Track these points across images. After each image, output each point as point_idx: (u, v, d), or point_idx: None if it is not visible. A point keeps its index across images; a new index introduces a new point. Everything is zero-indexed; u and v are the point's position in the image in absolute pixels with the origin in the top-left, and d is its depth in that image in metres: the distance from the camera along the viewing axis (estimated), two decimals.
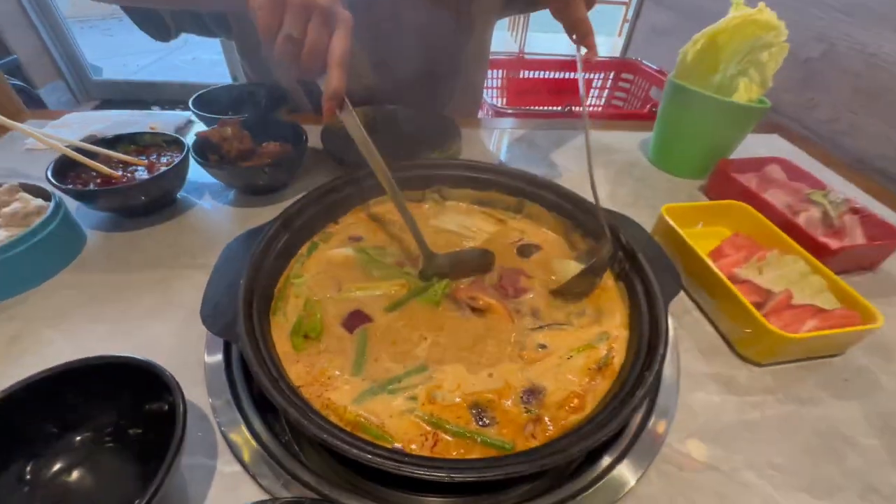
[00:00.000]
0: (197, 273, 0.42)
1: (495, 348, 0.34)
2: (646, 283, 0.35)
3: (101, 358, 0.26)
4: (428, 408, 0.30)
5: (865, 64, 0.70)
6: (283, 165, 0.50)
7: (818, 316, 0.37)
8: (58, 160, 0.45)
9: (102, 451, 0.27)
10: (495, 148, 0.68)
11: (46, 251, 0.40)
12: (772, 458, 0.31)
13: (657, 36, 1.32)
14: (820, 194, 0.51)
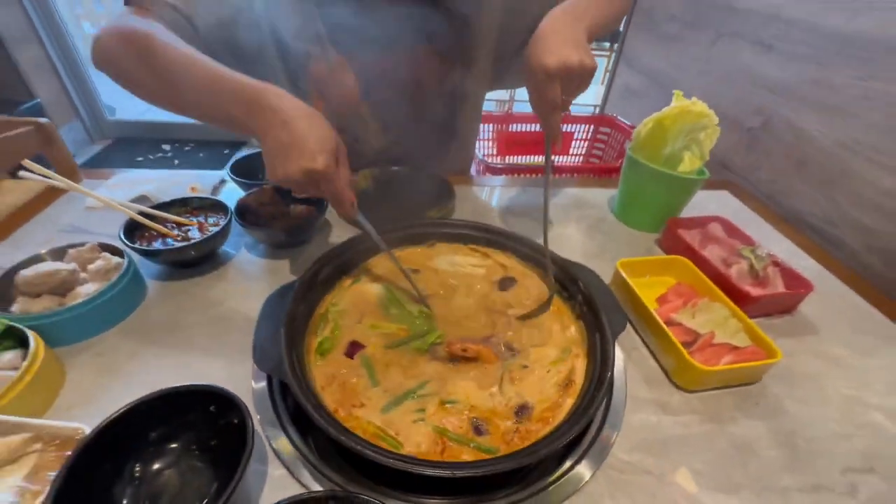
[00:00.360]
0: (239, 316, 0.52)
1: (487, 376, 0.44)
2: (598, 321, 0.46)
3: (188, 386, 0.36)
4: (436, 418, 0.39)
5: (794, 137, 0.83)
6: (307, 225, 0.61)
7: (733, 352, 0.47)
8: (127, 223, 0.56)
9: (189, 456, 0.36)
10: (485, 205, 0.80)
11: (122, 299, 0.49)
12: (694, 464, 0.40)
13: (630, 95, 1.48)
14: (748, 250, 0.62)
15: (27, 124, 0.77)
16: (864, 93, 0.70)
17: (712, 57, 1.05)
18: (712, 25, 1.05)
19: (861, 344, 0.55)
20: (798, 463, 0.41)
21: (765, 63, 0.89)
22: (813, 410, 0.46)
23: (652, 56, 1.34)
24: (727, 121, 0.98)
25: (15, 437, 0.34)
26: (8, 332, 0.42)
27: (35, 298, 0.46)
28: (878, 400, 0.48)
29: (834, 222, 0.75)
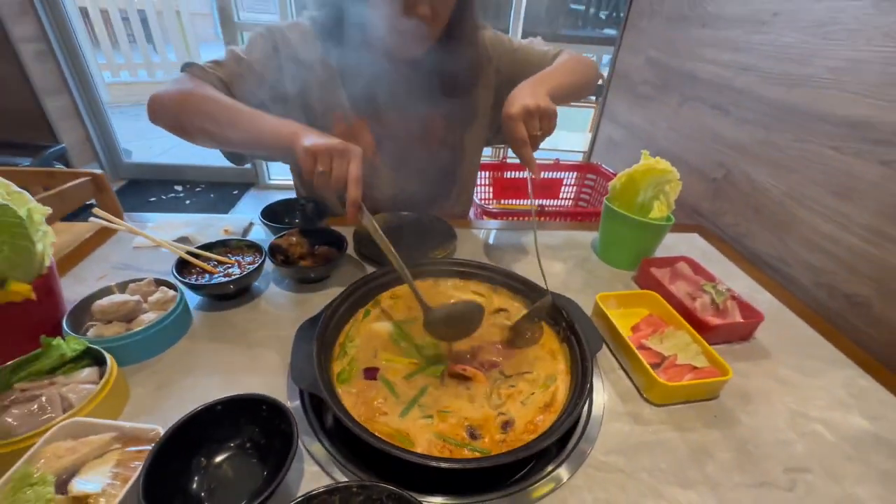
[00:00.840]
0: (273, 341, 0.60)
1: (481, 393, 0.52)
2: (579, 343, 0.55)
3: (244, 395, 0.44)
4: (439, 427, 0.47)
5: (751, 187, 0.96)
6: (329, 264, 0.71)
7: (693, 372, 0.56)
8: (178, 261, 0.65)
9: (242, 453, 0.43)
10: (483, 245, 0.90)
11: (175, 326, 0.58)
12: (659, 464, 0.48)
13: (613, 146, 1.63)
14: (710, 285, 0.72)
15: (85, 175, 0.88)
16: (801, 153, 0.83)
17: (680, 116, 1.20)
18: (678, 90, 1.21)
19: (807, 367, 0.63)
20: (748, 464, 0.49)
21: (723, 124, 1.03)
22: (762, 421, 0.54)
23: (629, 112, 1.50)
24: (695, 172, 1.11)
25: (103, 435, 0.42)
26: (86, 352, 0.50)
27: (107, 324, 0.55)
28: (818, 413, 0.56)
29: (787, 261, 0.86)
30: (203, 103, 0.66)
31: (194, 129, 0.67)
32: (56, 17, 2.38)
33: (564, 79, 0.75)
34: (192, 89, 0.68)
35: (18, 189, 0.50)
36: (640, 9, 1.43)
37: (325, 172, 0.56)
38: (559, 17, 2.99)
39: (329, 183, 0.57)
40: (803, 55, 0.83)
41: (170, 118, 0.68)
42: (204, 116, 0.66)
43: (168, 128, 0.69)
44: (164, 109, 0.68)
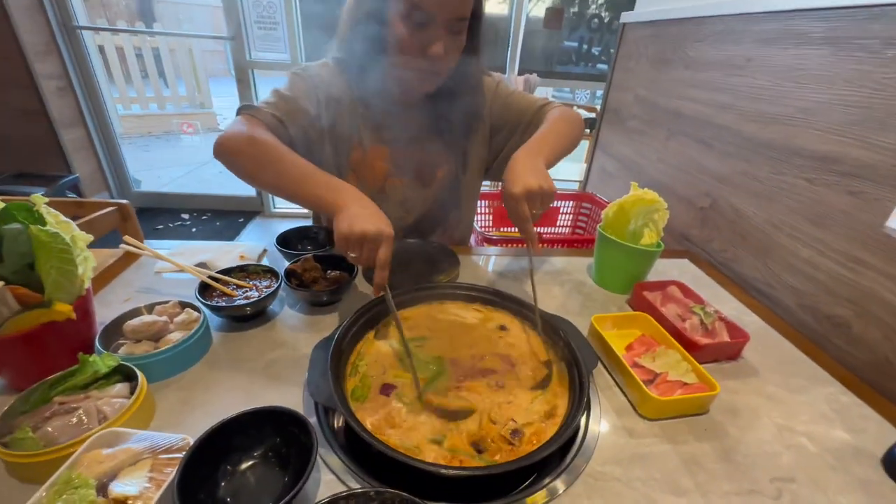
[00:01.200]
0: (288, 360, 0.64)
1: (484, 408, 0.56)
2: (576, 360, 0.59)
3: (269, 407, 0.48)
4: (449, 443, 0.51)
5: (735, 215, 1.02)
6: (341, 288, 0.75)
7: (683, 387, 0.60)
8: (200, 284, 0.70)
9: (265, 461, 0.47)
10: (483, 270, 0.95)
11: (198, 345, 0.62)
12: (653, 474, 0.51)
13: (606, 176, 1.71)
14: (699, 308, 0.77)
15: (111, 205, 0.94)
16: (779, 184, 0.89)
17: (668, 149, 1.28)
18: (665, 125, 1.29)
19: (792, 384, 0.67)
20: (736, 474, 0.52)
21: (707, 157, 1.11)
22: (750, 435, 0.58)
23: (620, 145, 1.59)
24: (684, 201, 1.18)
25: (137, 444, 0.45)
26: (117, 368, 0.54)
27: (136, 343, 0.59)
28: (803, 427, 0.59)
29: (772, 285, 0.91)
30: (259, 151, 0.70)
31: (248, 173, 0.72)
32: (77, 56, 2.52)
33: (557, 145, 0.81)
34: (250, 134, 0.71)
35: (66, 218, 0.56)
36: (627, 51, 1.54)
37: (354, 257, 0.62)
38: (554, 54, 3.15)
39: (359, 264, 0.63)
40: (775, 96, 0.91)
41: (228, 160, 0.72)
42: (258, 164, 0.70)
43: (228, 168, 0.73)
44: (228, 155, 0.72)
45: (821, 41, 0.80)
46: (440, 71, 0.79)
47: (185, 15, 5.98)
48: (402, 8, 0.71)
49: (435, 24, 0.71)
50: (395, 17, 0.73)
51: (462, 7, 0.73)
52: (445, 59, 0.76)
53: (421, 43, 0.73)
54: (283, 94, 0.81)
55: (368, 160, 0.91)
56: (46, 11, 2.29)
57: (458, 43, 0.77)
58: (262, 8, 2.51)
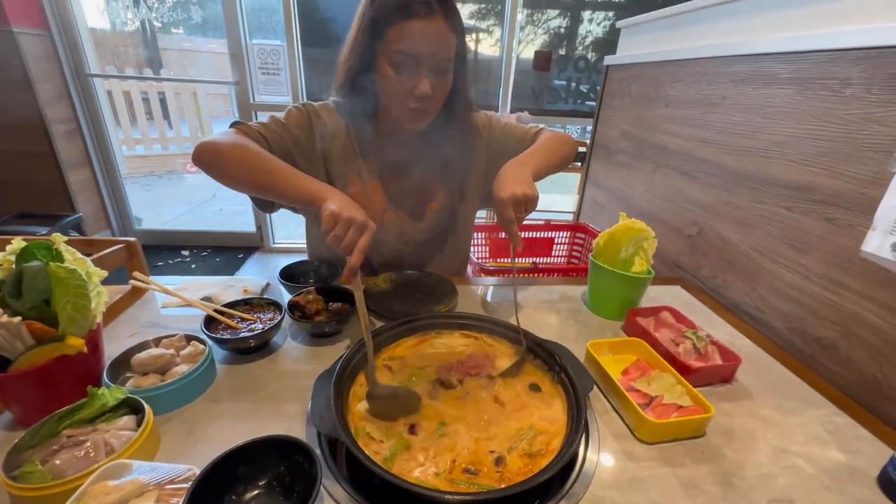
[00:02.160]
0: (291, 391, 0.65)
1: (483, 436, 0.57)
2: (573, 384, 0.60)
3: (274, 436, 0.49)
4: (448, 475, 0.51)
5: (722, 242, 1.06)
6: (343, 319, 0.77)
7: (678, 410, 0.61)
8: (206, 318, 0.72)
9: (270, 491, 0.47)
10: (480, 299, 0.97)
11: (203, 378, 0.63)
12: (652, 497, 0.52)
13: (598, 206, 1.76)
14: (691, 332, 0.79)
15: (119, 243, 0.97)
16: (760, 213, 0.94)
17: (654, 181, 1.34)
18: (651, 158, 1.35)
19: (786, 406, 0.69)
20: (734, 496, 0.53)
21: (692, 188, 1.16)
22: (746, 457, 0.59)
23: (610, 178, 1.65)
24: (673, 230, 1.22)
25: (143, 475, 0.46)
26: (124, 401, 0.55)
27: (143, 376, 0.60)
28: (798, 448, 0.60)
29: (761, 309, 0.93)
30: (248, 153, 0.77)
31: (234, 173, 0.77)
32: (87, 101, 2.63)
33: (545, 160, 0.89)
34: (241, 141, 0.79)
35: (81, 255, 0.59)
36: (612, 90, 1.63)
37: (338, 236, 0.66)
38: (543, 93, 3.30)
39: (338, 246, 0.66)
40: (750, 131, 0.97)
41: (212, 161, 0.77)
42: (246, 165, 0.77)
43: (209, 169, 0.78)
44: (208, 153, 0.77)
45: (787, 81, 0.87)
46: (429, 109, 0.85)
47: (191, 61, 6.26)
48: (390, 55, 0.78)
49: (420, 67, 0.78)
50: (384, 64, 0.80)
51: (443, 49, 0.78)
52: (433, 98, 0.82)
53: (409, 84, 0.79)
54: (276, 120, 0.88)
55: (367, 194, 0.95)
56: (61, 60, 2.42)
57: (444, 82, 0.83)
58: (266, 55, 2.65)
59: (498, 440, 0.56)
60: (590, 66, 3.30)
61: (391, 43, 0.77)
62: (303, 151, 0.90)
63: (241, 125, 0.85)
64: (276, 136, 0.86)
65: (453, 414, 0.60)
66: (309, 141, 0.90)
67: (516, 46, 2.87)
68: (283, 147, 0.86)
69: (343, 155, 0.93)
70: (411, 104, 0.82)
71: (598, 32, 3.78)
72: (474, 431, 0.57)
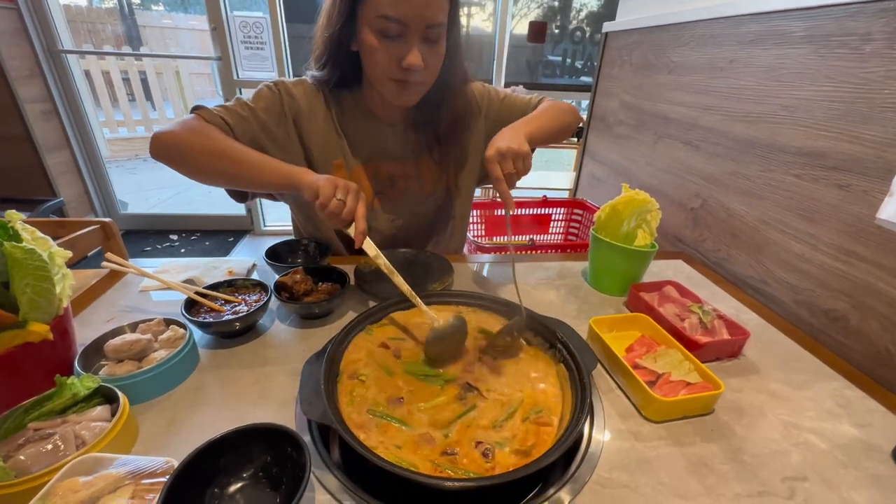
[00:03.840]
0: (279, 376, 0.62)
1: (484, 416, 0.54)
2: (574, 360, 0.57)
3: (258, 424, 0.45)
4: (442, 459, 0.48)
5: (727, 214, 1.02)
6: (333, 299, 0.73)
7: (687, 387, 0.58)
8: (186, 301, 0.67)
9: (255, 483, 0.44)
10: (476, 277, 0.94)
11: (184, 363, 0.59)
12: (661, 478, 0.49)
13: (596, 182, 1.72)
14: (697, 307, 0.76)
15: (94, 224, 0.91)
16: (767, 182, 0.90)
17: (656, 153, 1.29)
18: (652, 129, 1.30)
19: (795, 380, 0.66)
20: (746, 474, 0.50)
21: (695, 158, 1.12)
22: (757, 433, 0.56)
23: (608, 151, 1.60)
24: (674, 203, 1.18)
25: (117, 469, 0.43)
26: (97, 390, 0.51)
27: (118, 363, 0.56)
28: (809, 424, 0.58)
29: (767, 282, 0.91)
30: (210, 141, 0.72)
31: (197, 165, 0.72)
32: (62, 80, 2.50)
33: (542, 124, 0.82)
34: (200, 128, 0.73)
35: (42, 235, 0.54)
36: (611, 59, 1.56)
37: (341, 201, 0.63)
38: (538, 67, 3.21)
39: (341, 213, 0.63)
40: (758, 96, 0.92)
41: (173, 154, 0.72)
42: (209, 154, 0.71)
43: (171, 163, 0.73)
44: (166, 146, 0.72)
45: (801, 40, 0.82)
46: (421, 81, 0.77)
47: (172, 39, 6.03)
48: (373, 21, 0.69)
49: (409, 34, 0.70)
50: (367, 32, 0.71)
51: (434, 12, 0.69)
52: (424, 70, 0.73)
53: (396, 55, 0.71)
54: (243, 103, 0.81)
55: (355, 179, 0.89)
56: (30, 36, 2.29)
57: (436, 50, 0.75)
58: (249, 28, 2.52)
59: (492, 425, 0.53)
60: (586, 39, 3.19)
61: (374, 7, 0.68)
62: (273, 138, 0.82)
63: (203, 110, 0.77)
64: (241, 121, 0.78)
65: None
66: (280, 126, 0.82)
67: (510, 21, 2.76)
68: (248, 133, 0.79)
69: (324, 137, 0.85)
70: (399, 77, 0.73)
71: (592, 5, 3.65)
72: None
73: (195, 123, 0.74)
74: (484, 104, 0.95)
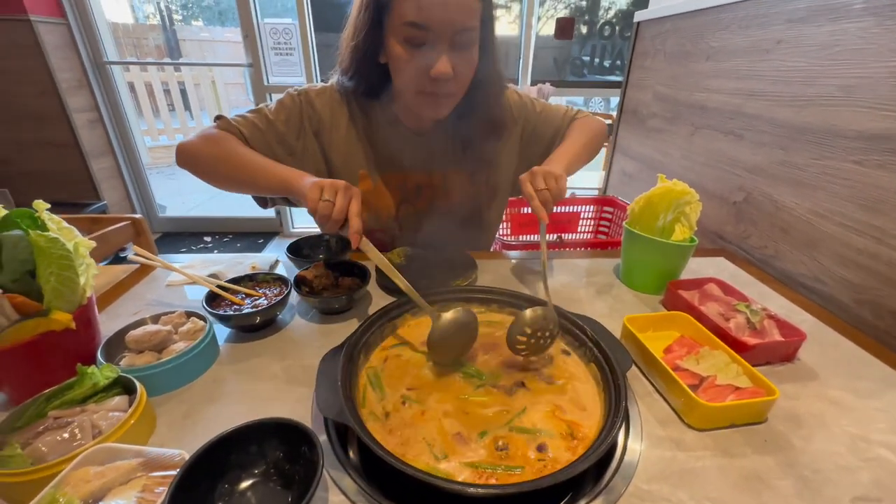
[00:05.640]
0: (298, 371, 0.60)
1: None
2: (607, 359, 0.53)
3: (269, 419, 0.44)
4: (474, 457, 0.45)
5: (774, 208, 0.94)
6: (353, 295, 0.72)
7: (735, 392, 0.53)
8: (207, 294, 0.67)
9: (267, 480, 0.42)
10: (502, 274, 0.90)
11: (203, 356, 0.59)
12: (708, 493, 0.44)
13: (627, 178, 1.64)
14: (743, 305, 0.69)
15: (125, 220, 0.94)
16: (822, 170, 0.82)
17: (692, 145, 1.21)
18: (689, 120, 1.23)
19: (861, 388, 0.59)
20: (808, 492, 0.44)
21: (738, 149, 1.04)
22: (819, 446, 0.50)
23: (641, 145, 1.53)
24: (714, 197, 1.11)
25: (130, 461, 0.42)
26: (117, 380, 0.51)
27: (138, 354, 0.56)
28: (881, 437, 0.51)
29: (822, 280, 0.82)
30: (219, 149, 0.75)
31: (207, 170, 0.75)
32: (107, 90, 2.64)
33: (575, 156, 0.83)
34: (214, 137, 0.76)
35: (68, 225, 0.54)
36: (643, 50, 1.49)
37: (329, 202, 0.59)
38: (566, 66, 3.14)
39: (331, 213, 0.59)
40: (810, 77, 0.85)
41: (189, 161, 0.76)
42: (217, 160, 0.74)
43: (188, 169, 0.77)
44: (183, 154, 0.76)
45: (862, 13, 0.74)
46: (452, 92, 0.72)
47: (209, 51, 6.31)
48: (399, 29, 0.66)
49: (437, 41, 0.65)
50: (393, 42, 0.68)
51: (464, 16, 0.65)
52: (455, 79, 0.69)
53: (424, 65, 0.67)
54: (262, 114, 0.81)
55: (380, 190, 0.87)
56: (79, 49, 2.42)
57: (468, 58, 0.70)
58: (278, 35, 2.59)
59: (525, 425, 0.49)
60: (615, 35, 3.10)
61: (399, 14, 0.65)
62: (291, 150, 0.82)
63: (222, 120, 0.79)
64: (256, 131, 0.79)
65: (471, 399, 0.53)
66: (299, 139, 0.82)
67: (535, 22, 2.71)
68: (263, 143, 0.79)
69: (347, 148, 0.84)
70: (429, 88, 0.69)
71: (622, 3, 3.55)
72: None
73: (211, 133, 0.76)
74: (521, 116, 0.90)
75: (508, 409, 0.51)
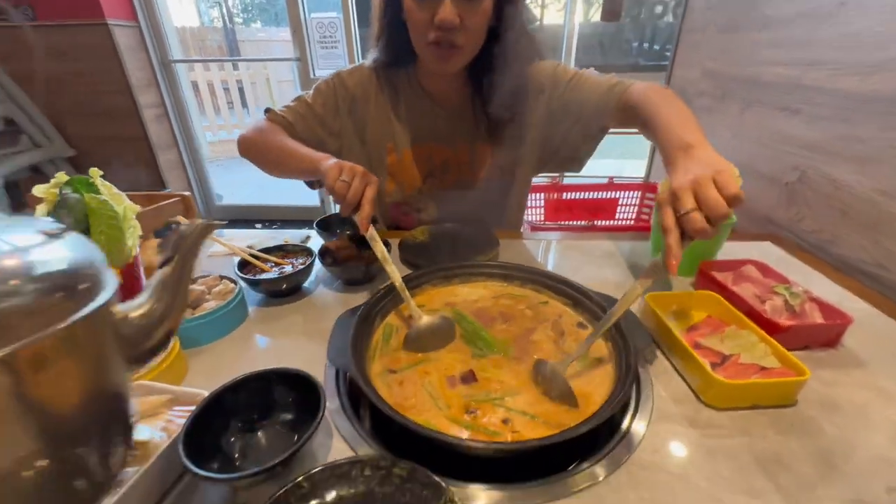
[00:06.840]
0: (318, 333, 0.63)
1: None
2: (623, 338, 0.51)
3: (280, 369, 0.47)
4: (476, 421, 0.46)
5: (832, 187, 0.85)
6: (374, 266, 0.74)
7: (761, 372, 0.49)
8: (240, 261, 0.72)
9: (276, 424, 0.45)
10: (525, 254, 0.89)
11: (233, 315, 0.63)
12: (720, 471, 0.42)
13: None
14: (782, 287, 0.64)
15: (174, 196, 1.03)
16: (889, 143, 0.73)
17: (743, 123, 1.13)
18: (739, 97, 1.14)
19: None
20: (835, 478, 0.41)
21: (794, 125, 0.95)
22: (854, 434, 0.46)
23: None
24: (765, 178, 1.03)
25: (159, 396, 0.46)
26: None
27: None
28: None
29: (886, 266, 0.74)
30: (264, 137, 0.83)
31: (260, 159, 0.84)
32: (172, 88, 2.87)
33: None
34: (265, 128, 0.84)
35: (118, 191, 0.60)
36: (691, 24, 1.40)
37: (345, 182, 0.61)
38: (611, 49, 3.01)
39: (346, 195, 0.61)
40: (879, 41, 0.76)
41: (245, 150, 0.86)
42: (265, 148, 0.82)
43: (247, 157, 0.86)
44: (242, 145, 0.86)
45: None
46: (460, 44, 0.71)
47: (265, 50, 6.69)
48: None
49: None
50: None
51: None
52: (463, 31, 0.69)
53: (431, 13, 0.68)
54: (303, 101, 0.88)
55: (405, 163, 0.89)
56: (148, 49, 2.65)
57: (475, 8, 0.68)
58: (324, 29, 2.68)
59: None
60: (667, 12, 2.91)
61: None
62: (331, 131, 0.88)
63: (271, 112, 0.87)
64: (299, 118, 0.86)
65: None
66: (336, 119, 0.88)
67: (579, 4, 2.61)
68: (307, 128, 0.86)
69: (377, 121, 0.88)
70: (435, 38, 0.69)
71: None
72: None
73: (262, 124, 0.85)
74: (549, 83, 0.84)
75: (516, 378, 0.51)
